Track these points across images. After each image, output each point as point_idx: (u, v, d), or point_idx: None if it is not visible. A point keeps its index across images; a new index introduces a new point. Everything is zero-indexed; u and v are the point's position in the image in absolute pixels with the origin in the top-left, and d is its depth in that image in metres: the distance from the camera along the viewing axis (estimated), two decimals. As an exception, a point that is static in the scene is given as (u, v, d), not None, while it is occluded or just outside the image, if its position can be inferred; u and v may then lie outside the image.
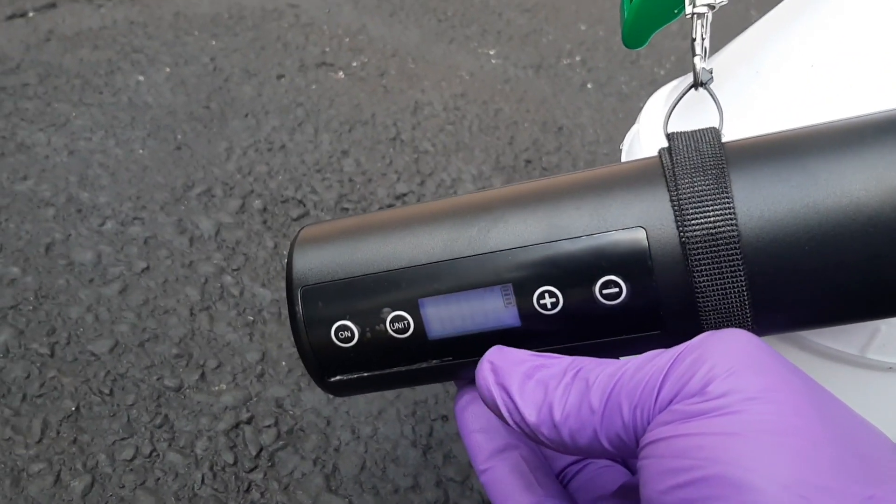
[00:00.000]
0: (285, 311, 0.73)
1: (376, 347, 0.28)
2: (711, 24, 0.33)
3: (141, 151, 0.91)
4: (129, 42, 1.12)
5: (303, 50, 1.18)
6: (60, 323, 0.68)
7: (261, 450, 0.61)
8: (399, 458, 0.62)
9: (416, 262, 0.27)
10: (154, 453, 0.59)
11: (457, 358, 0.28)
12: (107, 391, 0.63)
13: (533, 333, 0.27)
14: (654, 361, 0.22)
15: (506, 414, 0.24)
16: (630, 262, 0.25)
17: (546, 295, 0.26)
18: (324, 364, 0.29)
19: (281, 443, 0.62)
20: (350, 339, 0.28)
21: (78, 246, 0.77)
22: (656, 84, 1.27)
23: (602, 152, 1.06)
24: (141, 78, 1.05)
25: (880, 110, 0.26)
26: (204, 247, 0.79)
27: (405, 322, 0.27)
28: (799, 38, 0.37)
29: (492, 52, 1.28)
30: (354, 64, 1.17)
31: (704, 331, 0.25)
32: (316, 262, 0.29)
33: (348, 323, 0.28)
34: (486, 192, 0.29)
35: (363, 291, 0.28)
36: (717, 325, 0.25)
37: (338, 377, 0.29)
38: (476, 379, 0.26)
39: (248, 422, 0.63)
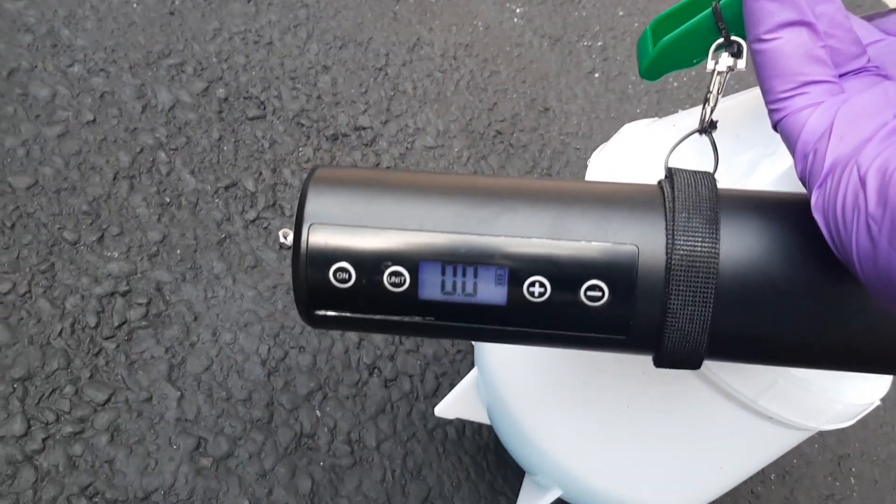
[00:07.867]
0: (203, 203, 0.77)
1: (369, 294, 0.31)
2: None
3: (135, 6, 0.93)
4: None
5: (333, -50, 1.17)
6: (-7, 148, 0.73)
7: (123, 322, 0.66)
8: (244, 371, 0.68)
9: (426, 228, 0.30)
10: (27, 294, 0.65)
11: (438, 320, 0.31)
12: (9, 225, 0.68)
13: (514, 313, 0.30)
14: None
15: None
16: (618, 274, 0.29)
17: (536, 284, 0.29)
18: (314, 298, 0.32)
19: (144, 323, 0.67)
20: (346, 281, 0.31)
21: (39, 80, 0.80)
22: (664, 93, 1.27)
23: (574, 146, 1.07)
24: (165, -71, 1.06)
25: None
26: (153, 118, 0.82)
27: (402, 278, 0.30)
28: None
29: (517, 10, 1.27)
30: (377, -20, 1.17)
31: (663, 343, 0.29)
32: (329, 203, 0.31)
33: (348, 266, 0.30)
34: (503, 178, 0.32)
35: (371, 242, 0.30)
36: (675, 345, 0.29)
37: (324, 312, 0.32)
38: None
39: (124, 294, 0.68)
